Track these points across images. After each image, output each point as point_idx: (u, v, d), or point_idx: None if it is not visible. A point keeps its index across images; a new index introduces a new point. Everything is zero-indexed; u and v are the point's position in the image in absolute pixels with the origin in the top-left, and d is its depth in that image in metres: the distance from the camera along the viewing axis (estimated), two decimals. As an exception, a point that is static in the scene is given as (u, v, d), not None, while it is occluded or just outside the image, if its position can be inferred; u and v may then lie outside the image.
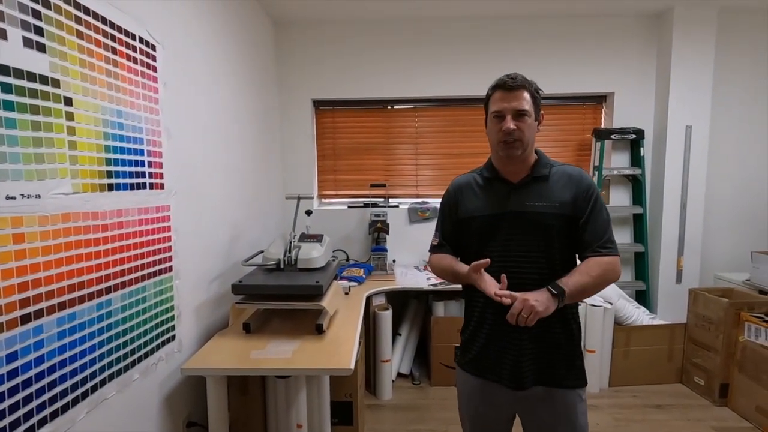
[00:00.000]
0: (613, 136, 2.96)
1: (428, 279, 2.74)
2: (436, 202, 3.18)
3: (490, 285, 1.13)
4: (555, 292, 1.09)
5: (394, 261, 3.08)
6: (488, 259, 1.13)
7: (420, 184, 3.25)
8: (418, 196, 3.25)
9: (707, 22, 2.80)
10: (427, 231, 3.15)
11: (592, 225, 1.16)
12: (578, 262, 1.19)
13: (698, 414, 2.42)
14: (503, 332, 1.19)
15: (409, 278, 2.78)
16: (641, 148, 2.98)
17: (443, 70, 3.04)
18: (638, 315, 2.78)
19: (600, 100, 3.13)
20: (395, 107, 3.21)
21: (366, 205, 3.16)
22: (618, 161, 3.09)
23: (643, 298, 3.06)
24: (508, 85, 1.15)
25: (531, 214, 1.17)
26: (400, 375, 2.84)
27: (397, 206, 3.17)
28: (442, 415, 2.43)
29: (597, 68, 3.00)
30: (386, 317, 2.56)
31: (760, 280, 2.54)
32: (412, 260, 3.18)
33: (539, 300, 1.06)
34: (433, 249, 1.39)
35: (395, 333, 2.80)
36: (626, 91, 3.01)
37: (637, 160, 3.01)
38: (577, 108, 3.15)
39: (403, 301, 2.99)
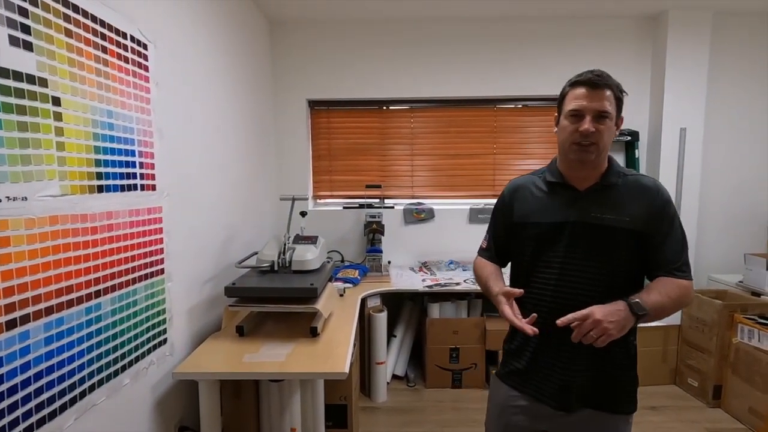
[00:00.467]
0: (608, 138, 2.96)
1: (423, 280, 2.73)
2: (431, 203, 3.18)
3: (511, 316, 1.04)
4: (637, 313, 0.96)
5: (389, 262, 3.07)
6: (522, 290, 1.05)
7: (415, 185, 3.24)
8: (413, 197, 3.24)
9: (702, 24, 2.81)
10: (423, 232, 3.16)
11: (670, 244, 1.05)
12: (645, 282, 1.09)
13: (692, 415, 2.43)
14: (554, 347, 1.09)
15: (405, 280, 2.77)
16: (636, 150, 2.99)
17: (439, 70, 3.03)
18: (633, 316, 2.78)
19: (595, 101, 3.12)
20: (391, 108, 3.19)
21: (361, 206, 3.15)
22: (613, 163, 3.09)
23: (637, 299, 3.07)
24: (593, 82, 1.04)
25: (597, 227, 1.06)
26: (394, 377, 2.82)
27: (393, 207, 3.16)
28: (437, 417, 2.42)
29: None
30: (381, 319, 2.55)
31: (753, 282, 2.56)
32: (407, 261, 3.16)
33: (615, 321, 0.94)
34: (480, 252, 1.31)
35: (390, 335, 2.79)
36: (621, 93, 3.01)
37: (632, 162, 3.02)
38: (573, 109, 3.15)
39: (398, 303, 2.98)
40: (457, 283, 2.67)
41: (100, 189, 1.21)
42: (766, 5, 2.80)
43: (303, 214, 2.19)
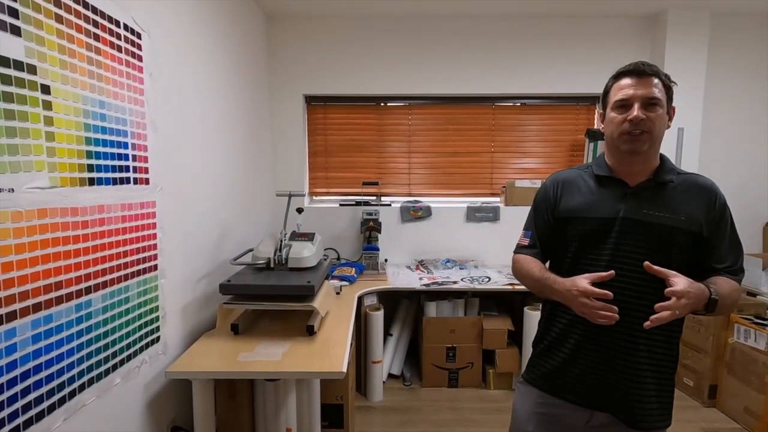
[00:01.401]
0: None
1: (420, 279, 2.70)
2: (428, 201, 3.15)
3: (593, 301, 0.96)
4: (711, 297, 0.92)
5: (386, 260, 3.04)
6: (612, 273, 0.97)
7: (413, 183, 3.21)
8: (410, 195, 3.21)
9: (700, 25, 2.81)
10: (420, 230, 3.13)
11: (729, 246, 1.03)
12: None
13: (688, 415, 2.43)
14: (596, 349, 1.05)
15: (401, 278, 2.75)
16: (634, 150, 2.98)
17: (437, 67, 3.00)
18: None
19: (593, 100, 3.12)
20: (388, 104, 3.16)
21: (358, 204, 3.11)
22: (610, 162, 3.09)
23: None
24: (640, 70, 1.01)
25: (649, 225, 1.01)
26: (391, 376, 2.80)
27: (390, 205, 3.13)
28: (433, 417, 2.40)
29: (590, 69, 2.99)
30: (378, 318, 2.52)
31: (750, 283, 2.56)
32: (404, 260, 3.14)
33: (693, 297, 0.90)
34: (520, 249, 1.21)
35: (386, 333, 2.77)
36: (619, 92, 3.01)
37: (629, 162, 3.01)
38: (571, 108, 3.14)
39: (394, 301, 2.95)
40: (454, 282, 2.64)
41: (91, 182, 1.17)
42: (764, 6, 2.81)
43: (299, 210, 2.16)
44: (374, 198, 3.17)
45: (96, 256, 1.19)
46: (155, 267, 1.49)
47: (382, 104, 3.16)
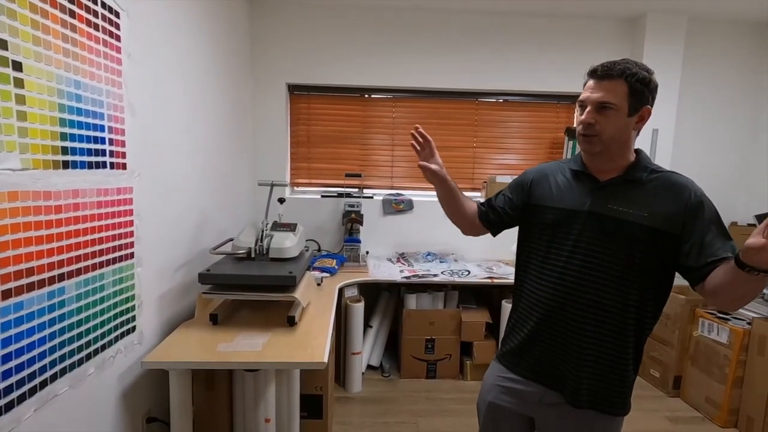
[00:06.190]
0: (584, 136, 3.03)
1: (401, 271, 2.72)
2: (410, 195, 3.16)
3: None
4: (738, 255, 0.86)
5: (367, 252, 3.04)
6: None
7: (395, 176, 3.22)
8: (393, 188, 3.22)
9: (677, 29, 2.90)
10: (402, 223, 3.14)
11: (720, 237, 0.98)
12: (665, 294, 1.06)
13: (653, 405, 2.54)
14: (553, 334, 1.10)
15: (382, 270, 2.76)
16: (610, 149, 3.07)
17: (422, 60, 3.00)
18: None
19: (573, 99, 3.18)
20: (373, 96, 3.14)
21: (340, 195, 3.09)
22: (588, 161, 3.17)
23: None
24: (598, 74, 1.04)
25: (611, 219, 1.03)
26: (369, 367, 2.82)
27: (372, 197, 3.12)
28: (411, 407, 2.43)
29: (571, 68, 3.03)
30: (358, 309, 2.52)
31: (714, 279, 2.68)
32: (385, 252, 3.15)
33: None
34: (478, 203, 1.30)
35: (366, 325, 2.78)
36: (599, 92, 3.08)
37: (606, 160, 3.10)
38: (552, 106, 3.20)
39: (374, 293, 2.96)
40: (435, 275, 2.67)
41: (66, 165, 1.12)
42: (739, 13, 2.91)
43: (281, 200, 2.13)
44: (356, 190, 3.15)
45: (70, 243, 1.15)
46: (131, 255, 1.45)
47: (366, 96, 3.14)
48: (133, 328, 1.48)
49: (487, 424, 1.24)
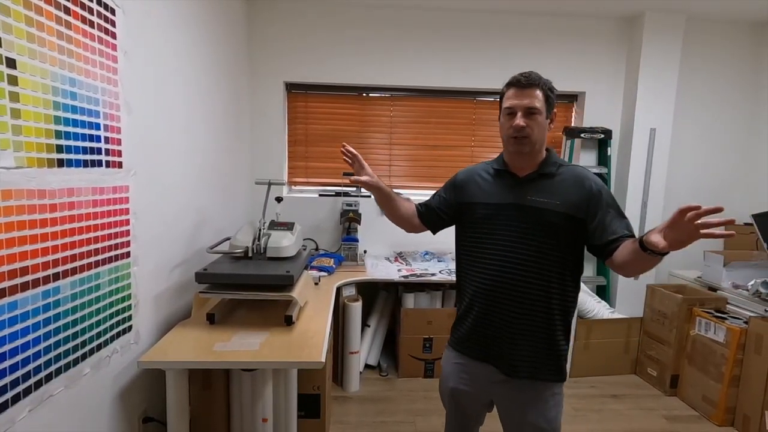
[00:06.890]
0: (582, 135, 3.03)
1: (399, 270, 2.72)
2: (408, 194, 3.16)
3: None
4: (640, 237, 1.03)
5: (365, 252, 3.04)
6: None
7: (393, 175, 3.21)
8: (390, 187, 3.20)
9: (675, 28, 2.91)
10: (399, 222, 3.13)
11: (616, 217, 1.16)
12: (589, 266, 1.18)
13: (650, 403, 2.55)
14: (492, 316, 1.24)
15: (380, 269, 2.75)
16: (608, 148, 3.08)
17: (420, 59, 3.00)
18: (599, 309, 2.88)
19: (572, 99, 3.19)
20: (370, 95, 3.14)
21: (338, 194, 3.09)
22: (586, 159, 3.17)
23: (603, 292, 3.18)
24: (521, 83, 1.18)
25: (531, 209, 1.20)
26: (367, 366, 2.82)
27: (370, 196, 3.10)
28: (409, 406, 2.43)
29: (570, 67, 3.04)
30: (356, 308, 2.52)
31: (711, 278, 2.69)
32: (383, 251, 3.15)
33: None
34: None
35: (364, 324, 2.77)
36: (596, 91, 3.09)
37: (603, 159, 3.11)
38: (550, 106, 3.19)
39: (372, 293, 2.96)
40: (433, 274, 2.67)
41: (61, 163, 1.11)
42: (738, 13, 2.92)
43: (279, 199, 2.12)
44: (354, 189, 3.15)
45: (65, 242, 1.14)
46: (128, 254, 1.44)
47: (364, 95, 3.13)
48: (129, 328, 1.47)
49: (452, 409, 1.40)
